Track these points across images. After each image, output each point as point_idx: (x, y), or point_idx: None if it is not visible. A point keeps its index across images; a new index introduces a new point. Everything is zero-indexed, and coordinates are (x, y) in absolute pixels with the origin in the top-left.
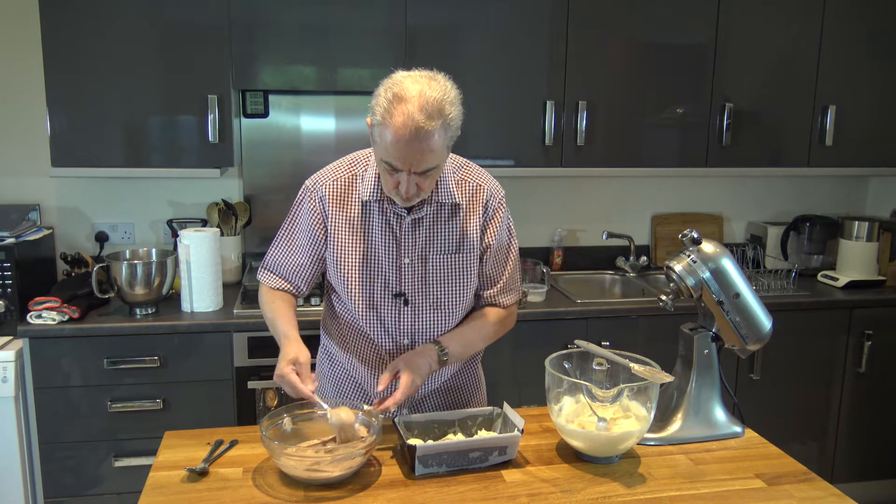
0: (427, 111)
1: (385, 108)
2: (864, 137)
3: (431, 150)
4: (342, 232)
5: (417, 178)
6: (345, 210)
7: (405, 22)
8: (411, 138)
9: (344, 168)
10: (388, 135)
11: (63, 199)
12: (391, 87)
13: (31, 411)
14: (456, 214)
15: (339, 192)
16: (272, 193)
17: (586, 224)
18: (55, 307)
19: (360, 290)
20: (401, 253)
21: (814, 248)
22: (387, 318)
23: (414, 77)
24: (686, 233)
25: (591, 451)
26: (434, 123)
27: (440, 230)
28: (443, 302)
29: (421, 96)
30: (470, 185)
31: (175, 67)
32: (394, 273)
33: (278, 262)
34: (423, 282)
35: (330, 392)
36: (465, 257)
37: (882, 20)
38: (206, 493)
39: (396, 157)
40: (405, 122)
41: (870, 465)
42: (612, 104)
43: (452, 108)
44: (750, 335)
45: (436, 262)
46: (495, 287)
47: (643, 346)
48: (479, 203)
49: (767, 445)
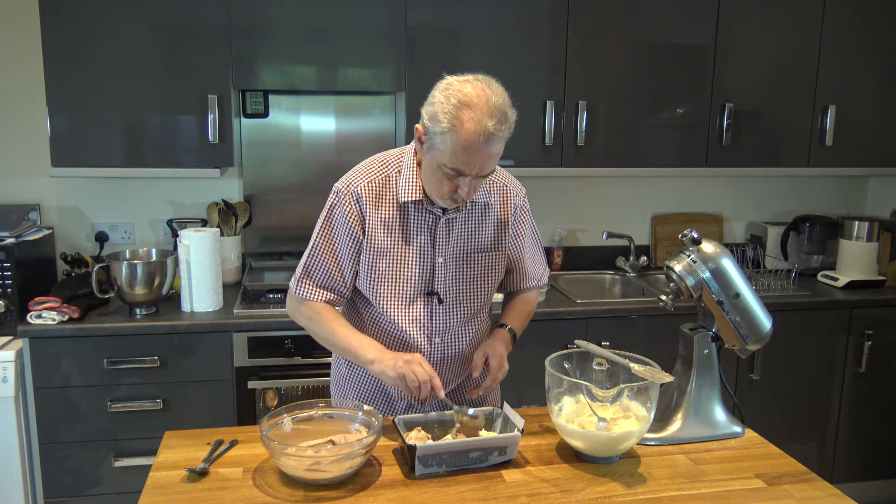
0: (496, 117)
1: (453, 115)
2: (864, 137)
3: (498, 153)
4: (377, 232)
5: (476, 181)
6: (380, 210)
7: (405, 22)
8: (483, 143)
9: (376, 169)
10: (457, 141)
11: (63, 199)
12: (453, 94)
13: (31, 411)
14: (487, 214)
15: (374, 193)
16: (272, 193)
17: (586, 224)
18: (55, 307)
19: (395, 289)
20: (436, 252)
21: (814, 248)
22: (421, 317)
23: (472, 82)
24: (686, 233)
25: (591, 451)
26: (503, 127)
27: (472, 229)
28: (471, 299)
29: (488, 102)
30: (497, 185)
31: (175, 67)
32: (428, 272)
33: (322, 273)
34: (454, 280)
35: (351, 395)
36: (496, 255)
37: (882, 21)
38: (206, 493)
39: (465, 163)
40: (476, 128)
41: (870, 465)
42: (612, 104)
43: (511, 111)
44: (750, 335)
45: (468, 261)
46: (537, 278)
47: (643, 346)
48: (508, 202)
49: (767, 445)
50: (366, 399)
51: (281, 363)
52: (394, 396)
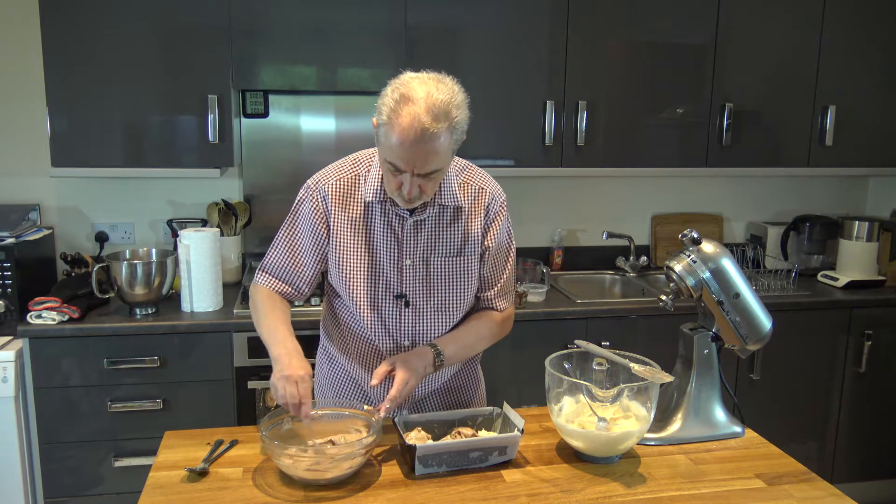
0: (433, 113)
1: (391, 108)
2: (864, 137)
3: (436, 152)
4: (344, 232)
5: (420, 179)
6: (347, 210)
7: (405, 22)
8: (416, 139)
9: (346, 168)
10: (393, 135)
11: (63, 199)
12: (398, 88)
13: (31, 411)
14: (458, 217)
15: (342, 192)
16: (272, 193)
17: (586, 224)
18: (55, 307)
19: (362, 290)
20: (403, 254)
21: (814, 248)
22: (388, 320)
23: (422, 78)
24: (686, 233)
25: (591, 451)
26: (440, 125)
27: (442, 233)
28: (444, 304)
29: (428, 98)
30: (472, 187)
31: (175, 67)
32: (395, 274)
33: (280, 265)
34: (424, 283)
35: (329, 393)
36: (467, 260)
37: (882, 21)
38: (206, 493)
39: (400, 158)
40: (411, 122)
41: (870, 465)
42: (612, 104)
43: (459, 111)
44: (750, 335)
45: (438, 265)
46: (493, 290)
47: (643, 346)
48: (482, 206)
49: (767, 445)
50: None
51: None
52: (371, 398)
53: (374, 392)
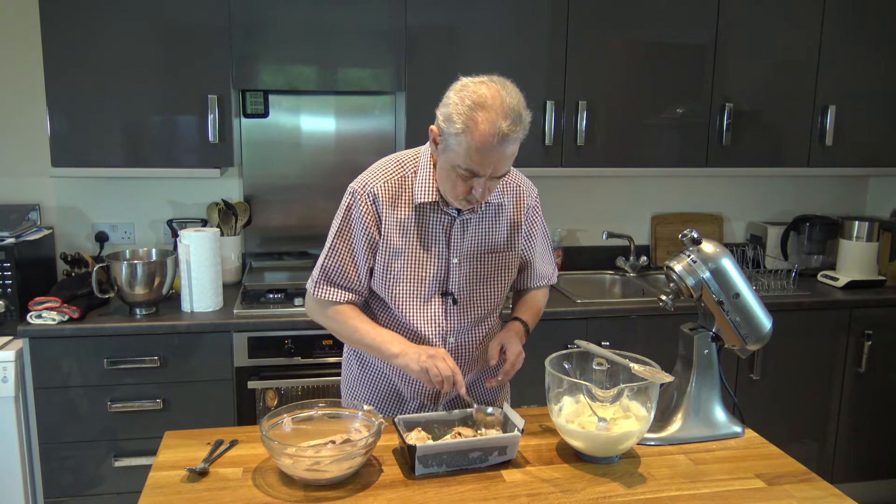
0: (511, 118)
1: (467, 116)
2: (864, 137)
3: (513, 154)
4: (393, 232)
5: (491, 182)
6: (396, 211)
7: (405, 22)
8: (497, 145)
9: (391, 169)
10: (471, 142)
11: (63, 199)
12: (468, 95)
13: (31, 411)
14: (500, 214)
15: (391, 193)
16: (272, 193)
17: (586, 224)
18: (55, 307)
19: (410, 290)
20: (450, 253)
21: (814, 248)
22: (436, 317)
23: (486, 83)
24: (686, 233)
25: (591, 451)
26: (518, 129)
27: (486, 230)
28: (484, 299)
29: (502, 103)
30: (510, 185)
31: (175, 67)
32: (444, 273)
33: (340, 274)
34: (468, 280)
35: (363, 394)
36: (509, 255)
37: (882, 21)
38: (206, 493)
39: (479, 164)
40: (490, 129)
41: (870, 465)
42: (612, 104)
43: (526, 112)
44: (750, 335)
45: (482, 261)
46: (547, 277)
47: (643, 346)
48: (521, 203)
49: (767, 445)
50: (377, 399)
51: (281, 363)
52: (406, 397)
53: (409, 391)
